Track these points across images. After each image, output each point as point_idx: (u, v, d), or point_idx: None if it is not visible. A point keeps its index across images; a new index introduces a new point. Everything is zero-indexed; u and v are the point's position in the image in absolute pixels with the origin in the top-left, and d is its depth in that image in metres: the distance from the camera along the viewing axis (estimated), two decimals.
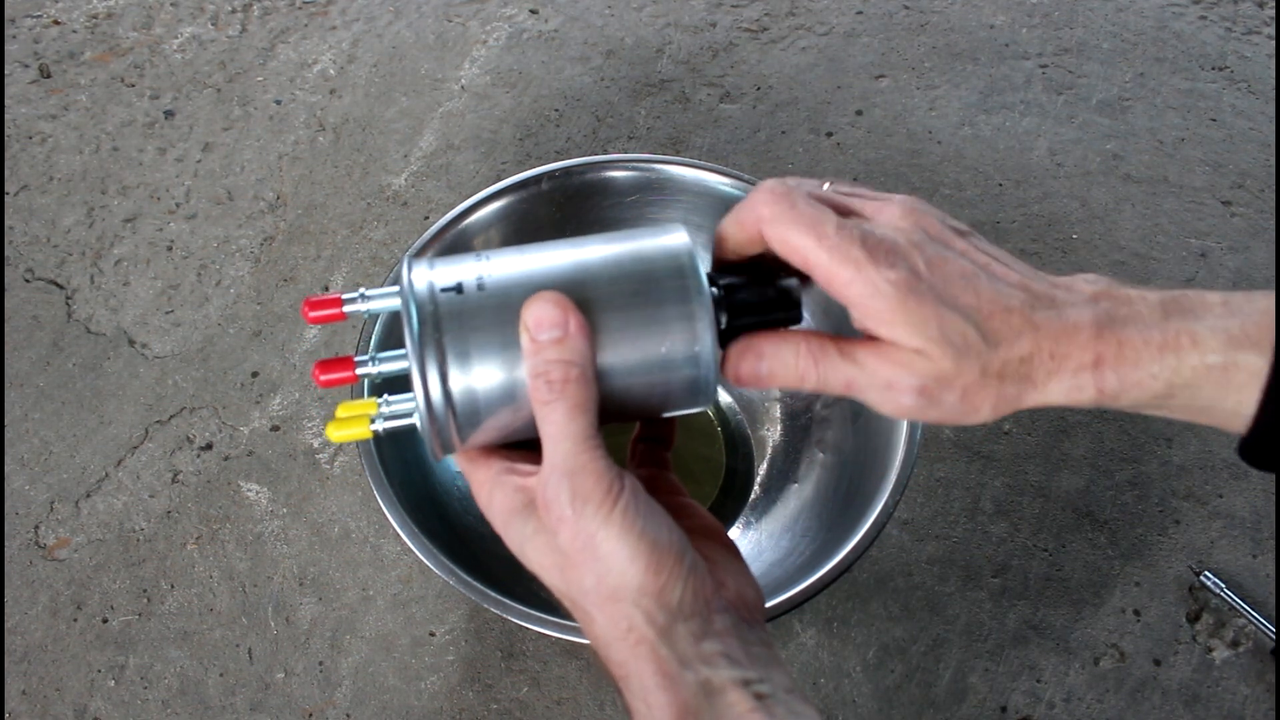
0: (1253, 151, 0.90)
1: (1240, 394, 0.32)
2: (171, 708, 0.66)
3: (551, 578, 0.33)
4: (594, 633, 0.32)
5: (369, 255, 0.85)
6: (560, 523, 0.31)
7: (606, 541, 0.31)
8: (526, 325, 0.32)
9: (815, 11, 1.01)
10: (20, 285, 0.84)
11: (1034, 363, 0.34)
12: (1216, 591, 0.68)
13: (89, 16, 1.01)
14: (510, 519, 0.33)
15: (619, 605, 0.31)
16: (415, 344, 0.32)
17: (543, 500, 0.32)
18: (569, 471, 0.31)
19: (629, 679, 0.32)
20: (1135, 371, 0.33)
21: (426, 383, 0.32)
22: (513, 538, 0.34)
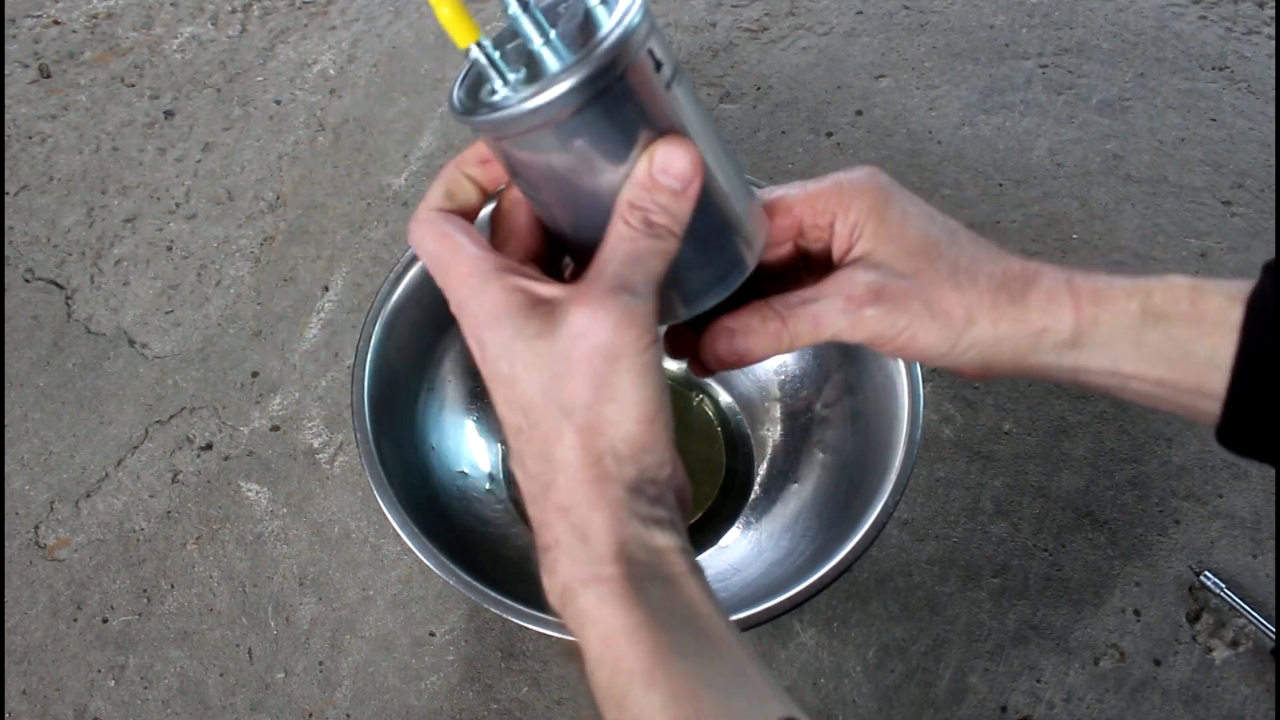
0: (1253, 151, 0.90)
1: (1212, 335, 0.33)
2: (171, 708, 0.66)
3: (525, 386, 0.31)
4: (552, 453, 0.31)
5: (369, 255, 0.85)
6: (594, 330, 0.30)
7: (626, 374, 0.30)
8: (654, 158, 0.31)
9: (815, 11, 1.01)
10: (20, 285, 0.84)
11: (1011, 270, 0.35)
12: (1216, 591, 0.68)
13: (89, 16, 1.01)
14: (505, 315, 0.31)
15: (599, 438, 0.30)
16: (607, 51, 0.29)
17: (586, 299, 0.30)
18: (631, 292, 0.30)
19: (572, 510, 0.31)
20: (1109, 287, 0.34)
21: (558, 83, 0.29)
22: (496, 334, 0.31)
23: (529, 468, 0.32)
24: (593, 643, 0.30)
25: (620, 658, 0.29)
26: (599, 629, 0.30)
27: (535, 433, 0.31)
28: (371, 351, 0.60)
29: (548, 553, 0.31)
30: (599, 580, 0.30)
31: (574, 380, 0.30)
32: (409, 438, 0.63)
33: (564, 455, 0.31)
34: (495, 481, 0.68)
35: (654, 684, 0.29)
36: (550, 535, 0.31)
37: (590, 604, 0.30)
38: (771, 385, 0.69)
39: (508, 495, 0.67)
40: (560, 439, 0.30)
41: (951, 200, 0.87)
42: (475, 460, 0.67)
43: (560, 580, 0.31)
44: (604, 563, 0.30)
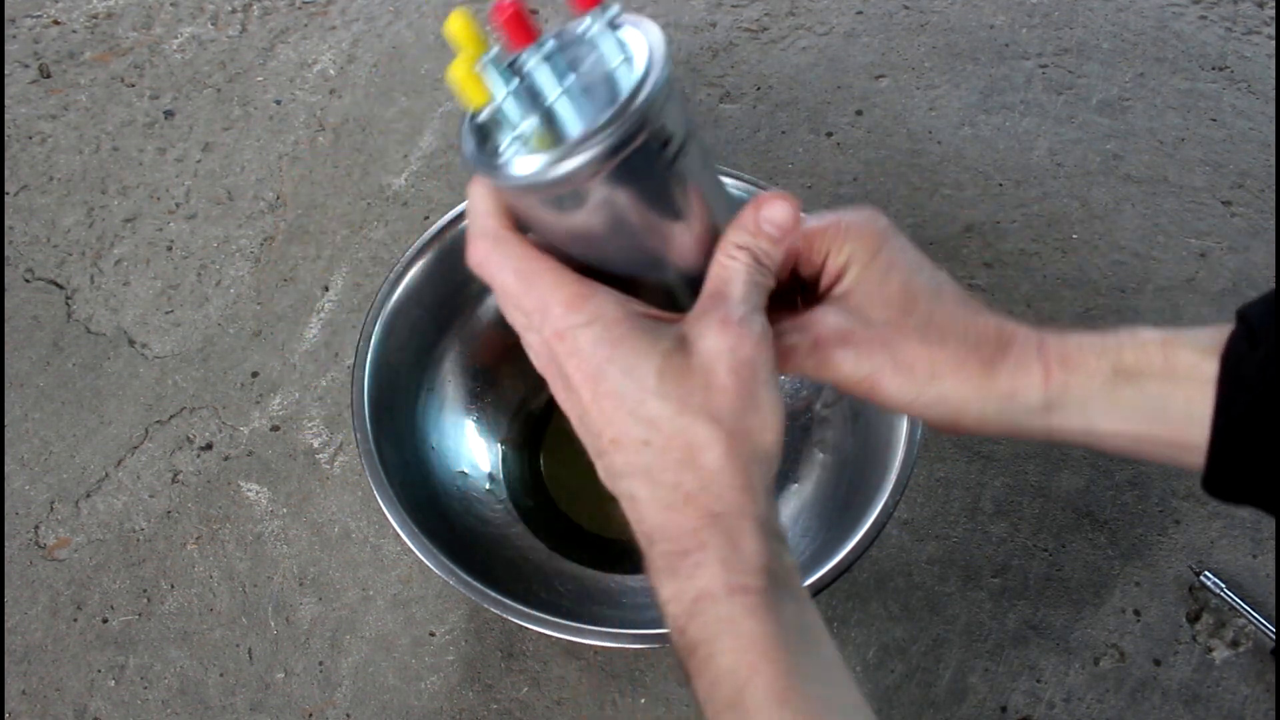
0: (1253, 151, 0.90)
1: (1186, 390, 0.33)
2: (171, 708, 0.66)
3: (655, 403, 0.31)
4: (701, 460, 0.31)
5: (369, 255, 0.85)
6: (739, 347, 0.32)
7: (765, 387, 0.32)
8: (761, 209, 0.34)
9: (815, 11, 1.01)
10: (20, 285, 0.84)
11: (985, 334, 0.36)
12: (1216, 591, 0.68)
13: (89, 16, 1.01)
14: (631, 334, 0.31)
15: (745, 445, 0.32)
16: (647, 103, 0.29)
17: (725, 320, 0.32)
18: (761, 316, 0.33)
19: (724, 517, 0.31)
20: (1079, 353, 0.35)
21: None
22: (621, 352, 0.31)
23: (664, 477, 0.32)
24: (725, 652, 0.30)
25: (756, 672, 0.30)
26: (737, 639, 0.30)
27: (674, 443, 0.31)
28: (371, 351, 0.60)
29: (685, 558, 0.31)
30: (746, 590, 0.30)
31: (723, 391, 0.31)
32: (409, 438, 0.63)
33: (714, 462, 0.31)
34: (495, 481, 0.68)
35: (786, 704, 0.29)
36: (695, 540, 0.31)
37: (734, 613, 0.30)
38: None
39: (507, 495, 0.67)
40: (710, 447, 0.31)
41: (951, 200, 0.87)
42: (475, 460, 0.67)
43: (698, 586, 0.31)
44: (753, 573, 0.31)
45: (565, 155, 0.29)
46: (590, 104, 0.30)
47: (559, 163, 0.29)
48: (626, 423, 0.32)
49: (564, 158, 0.29)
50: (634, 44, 0.31)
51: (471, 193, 0.34)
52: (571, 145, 0.29)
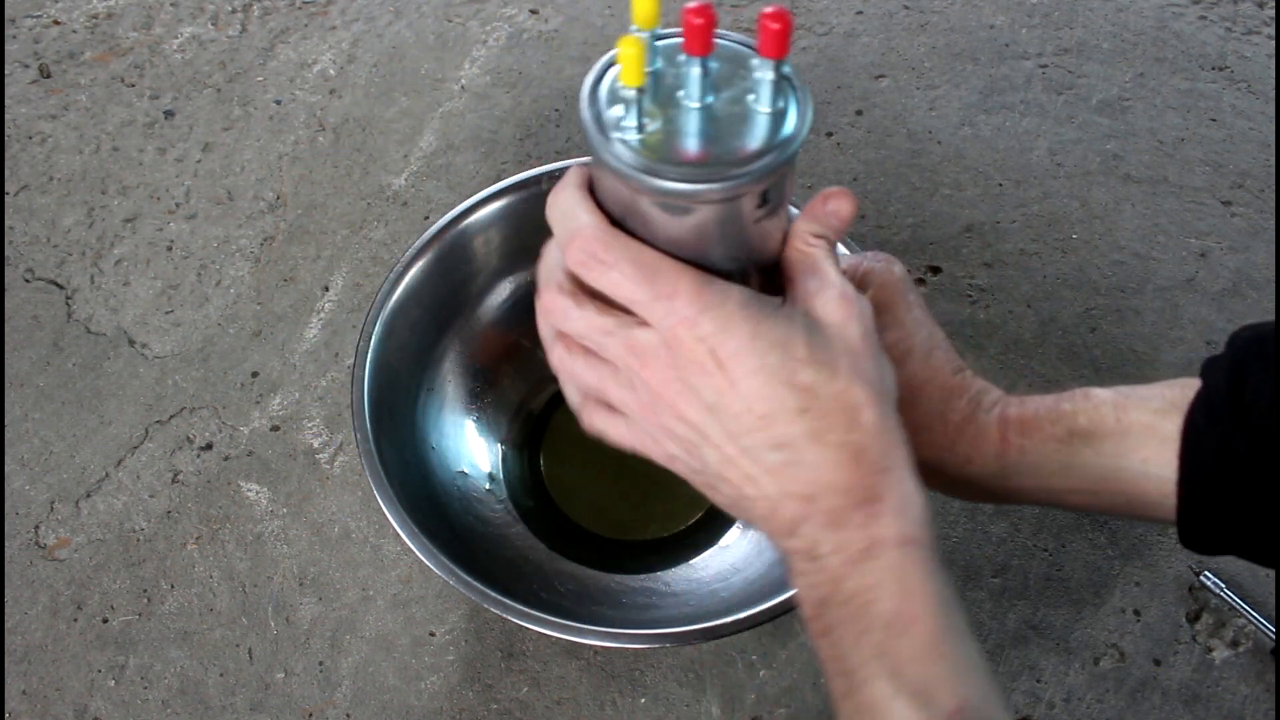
0: (1253, 151, 0.90)
1: (1142, 449, 0.36)
2: (171, 708, 0.66)
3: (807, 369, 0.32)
4: (861, 420, 0.32)
5: (369, 255, 0.85)
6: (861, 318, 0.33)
7: (883, 354, 0.34)
8: (828, 203, 0.36)
9: (815, 11, 1.01)
10: (20, 285, 0.84)
11: (955, 404, 0.38)
12: (1216, 591, 0.68)
13: (89, 16, 1.01)
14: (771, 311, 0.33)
15: (889, 404, 0.34)
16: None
17: (837, 295, 0.33)
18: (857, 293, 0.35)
19: (892, 470, 0.33)
20: (1035, 415, 0.37)
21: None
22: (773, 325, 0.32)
23: (829, 439, 0.32)
24: (887, 598, 0.31)
25: (915, 620, 0.31)
26: (903, 587, 0.31)
27: (835, 404, 0.32)
28: (371, 351, 0.60)
29: (860, 509, 0.32)
30: (916, 542, 0.32)
31: (863, 355, 0.33)
32: (409, 438, 0.63)
33: (872, 419, 0.32)
34: (495, 481, 0.68)
35: (940, 657, 0.31)
36: (869, 493, 0.32)
37: (904, 562, 0.32)
38: None
39: (507, 495, 0.67)
40: (868, 405, 0.32)
41: (951, 200, 0.87)
42: (475, 460, 0.67)
43: (871, 535, 0.32)
44: (923, 524, 0.32)
45: (695, 176, 0.31)
46: (724, 132, 0.32)
47: (682, 179, 0.31)
48: (782, 393, 0.32)
49: (692, 179, 0.31)
50: (789, 103, 0.34)
51: (563, 194, 0.35)
52: (702, 168, 0.31)
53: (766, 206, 0.33)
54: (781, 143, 0.32)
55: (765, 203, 0.33)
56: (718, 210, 0.32)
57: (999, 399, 0.39)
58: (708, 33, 0.31)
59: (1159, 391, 0.36)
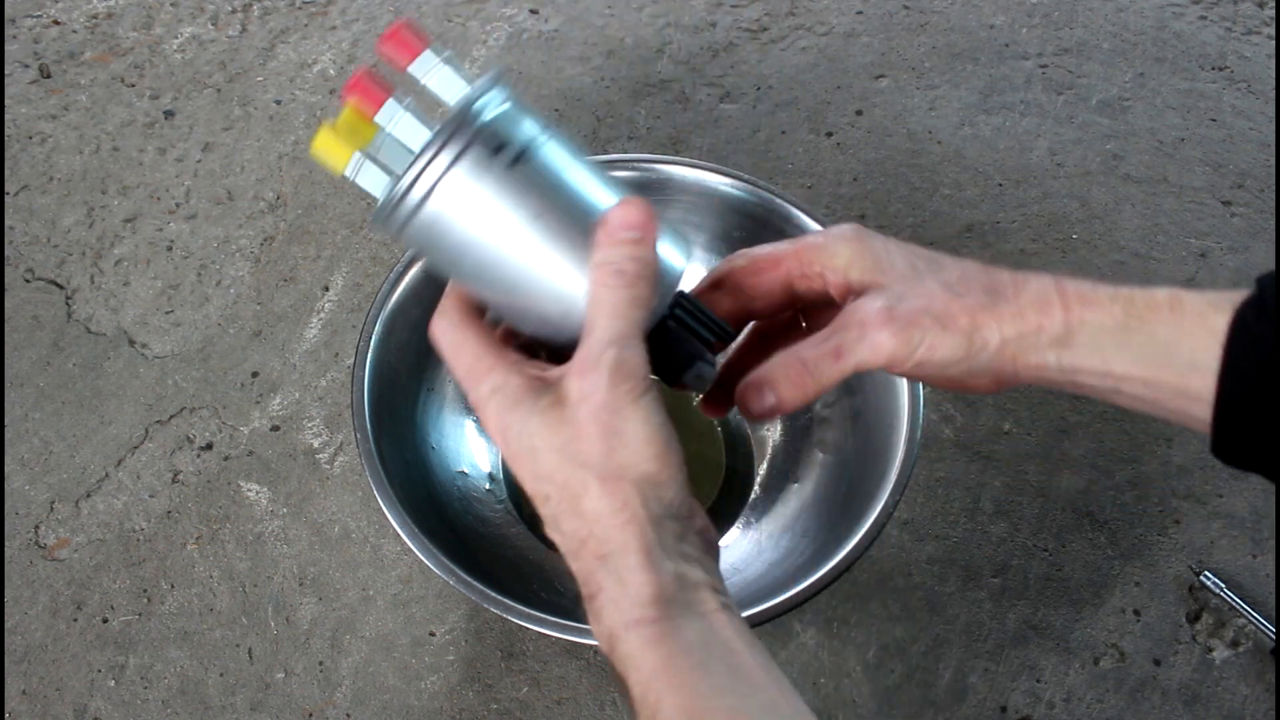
0: (1253, 151, 0.90)
1: (1191, 339, 0.34)
2: (171, 708, 0.66)
3: (546, 456, 0.34)
4: (582, 507, 0.33)
5: (369, 255, 0.85)
6: (593, 391, 0.33)
7: (630, 420, 0.33)
8: (610, 219, 0.35)
9: (815, 11, 1.01)
10: (20, 285, 0.84)
11: (1000, 279, 0.37)
12: (1216, 591, 0.68)
13: (89, 16, 1.01)
14: (522, 396, 0.34)
15: (620, 483, 0.33)
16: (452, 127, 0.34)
17: (580, 369, 0.33)
18: (618, 347, 0.33)
19: (610, 557, 0.33)
20: (1094, 293, 0.36)
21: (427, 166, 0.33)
22: (516, 415, 0.34)
23: (564, 528, 0.34)
24: (636, 684, 0.32)
25: (661, 698, 0.31)
26: (641, 672, 0.32)
27: (564, 494, 0.34)
28: (371, 351, 0.60)
29: (592, 601, 0.34)
30: (640, 623, 0.32)
31: (587, 438, 0.33)
32: (409, 438, 0.63)
33: (593, 506, 0.33)
34: (495, 481, 0.68)
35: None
36: (594, 584, 0.34)
37: (633, 648, 0.32)
38: None
39: (508, 495, 0.67)
40: (586, 492, 0.33)
41: (951, 200, 0.87)
42: (475, 460, 0.67)
43: (605, 626, 0.33)
44: (643, 605, 0.32)
45: (405, 169, 0.33)
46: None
47: (402, 176, 0.34)
48: (532, 480, 0.35)
49: (404, 171, 0.33)
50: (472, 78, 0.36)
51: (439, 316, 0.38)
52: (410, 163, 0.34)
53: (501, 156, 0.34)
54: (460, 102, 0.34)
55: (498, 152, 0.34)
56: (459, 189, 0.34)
57: (1047, 275, 0.38)
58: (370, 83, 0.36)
59: (1217, 292, 0.35)
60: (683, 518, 0.34)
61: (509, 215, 0.34)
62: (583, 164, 0.36)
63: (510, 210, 0.34)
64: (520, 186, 0.34)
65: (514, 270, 0.35)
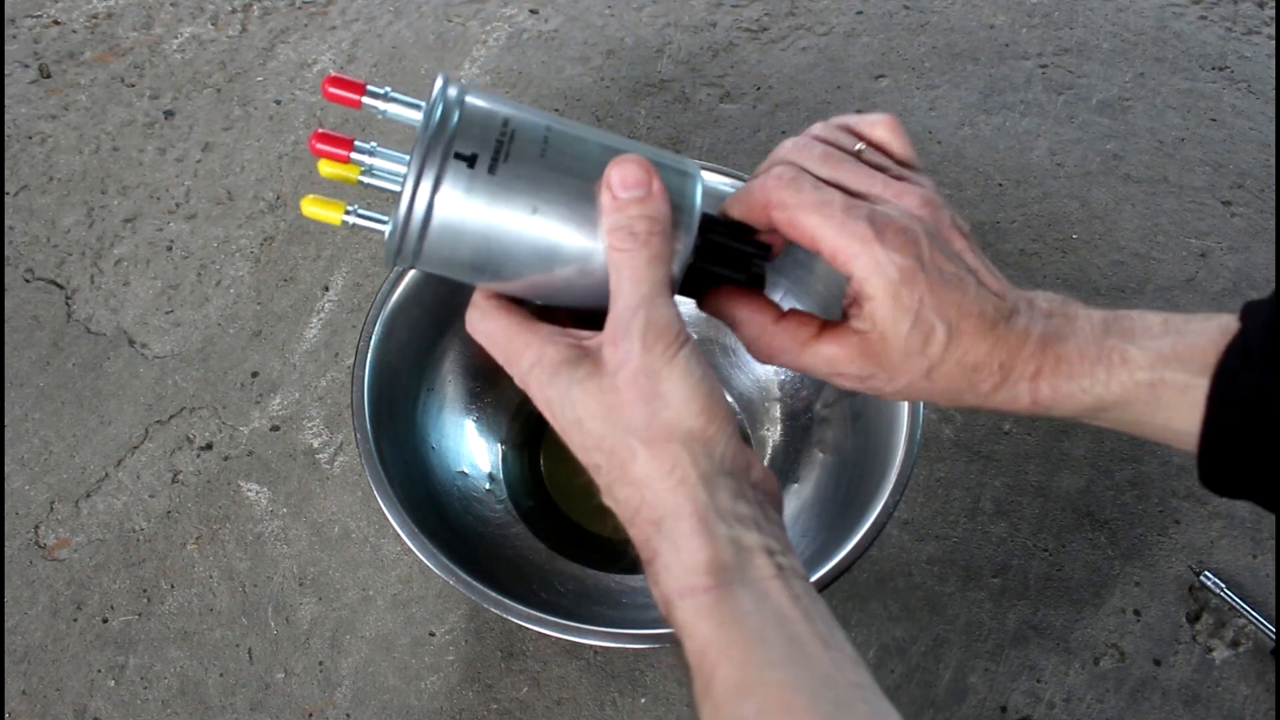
0: (1253, 151, 0.90)
1: (1168, 412, 0.35)
2: (171, 708, 0.66)
3: (592, 424, 0.33)
4: (632, 474, 0.33)
5: (369, 255, 0.85)
6: (628, 357, 0.32)
7: (669, 379, 0.32)
8: (610, 183, 0.34)
9: (815, 11, 1.01)
10: (20, 285, 0.84)
11: (981, 372, 0.36)
12: (1216, 591, 0.68)
13: (89, 16, 1.01)
14: (560, 368, 0.34)
15: (668, 444, 0.32)
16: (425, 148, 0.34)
17: (612, 337, 0.33)
18: (644, 309, 0.33)
19: (664, 522, 0.33)
20: (1068, 384, 0.35)
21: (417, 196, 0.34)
22: (556, 387, 0.34)
23: (618, 495, 0.34)
24: (691, 652, 0.32)
25: (715, 668, 0.31)
26: (695, 640, 0.32)
27: (613, 461, 0.33)
28: (371, 351, 0.60)
29: (650, 566, 0.33)
30: (694, 591, 0.32)
31: (628, 404, 0.33)
32: (409, 438, 0.63)
33: (642, 470, 0.33)
34: (495, 481, 0.68)
35: (747, 694, 0.30)
36: (650, 549, 0.33)
37: (688, 616, 0.32)
38: (771, 385, 0.69)
39: (507, 495, 0.67)
40: (634, 458, 0.33)
41: (951, 200, 0.87)
42: (475, 460, 0.67)
43: (662, 593, 0.33)
44: (697, 573, 0.32)
45: (397, 203, 0.34)
46: None
47: (396, 210, 0.34)
48: (585, 450, 0.34)
49: (397, 205, 0.34)
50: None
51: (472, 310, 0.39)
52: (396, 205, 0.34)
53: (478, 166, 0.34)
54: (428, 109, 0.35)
55: (473, 163, 0.34)
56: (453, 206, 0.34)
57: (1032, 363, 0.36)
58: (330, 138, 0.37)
59: (1202, 340, 0.34)
60: (738, 471, 0.34)
61: (509, 217, 0.34)
62: (560, 136, 0.35)
63: (508, 212, 0.34)
64: (508, 187, 0.34)
65: (534, 263, 0.35)
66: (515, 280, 0.36)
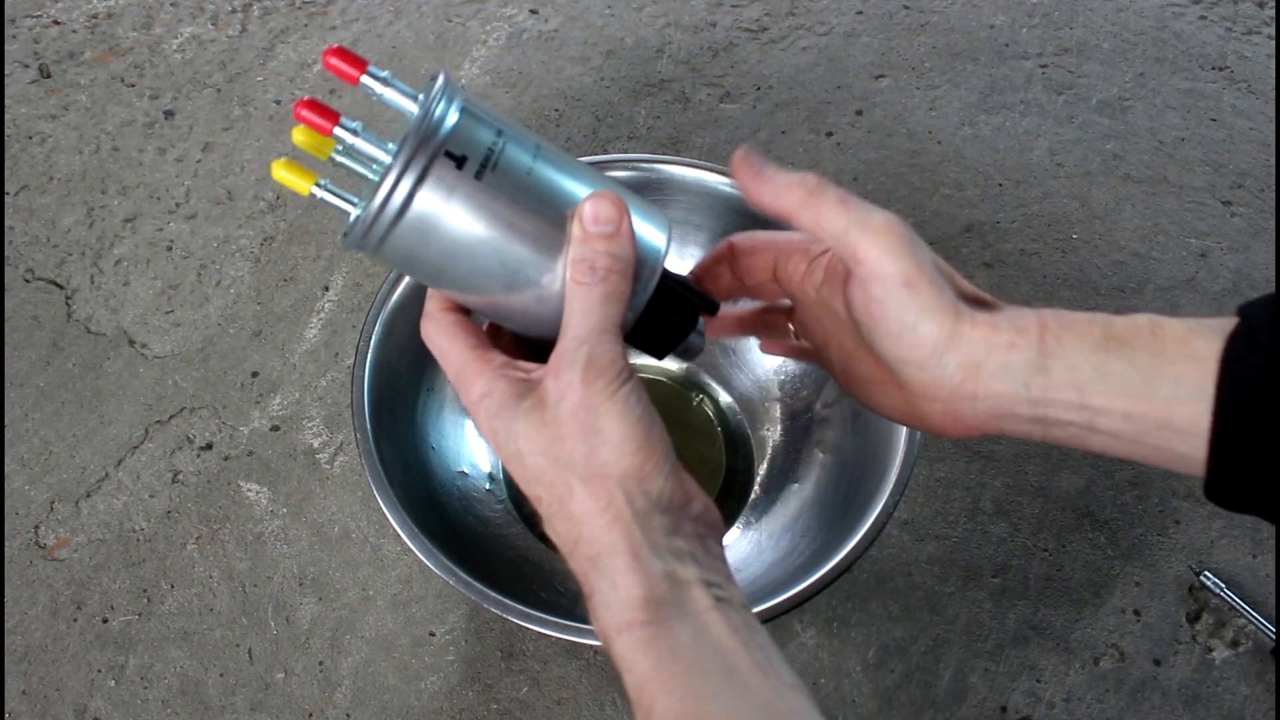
0: (1253, 151, 0.90)
1: (1176, 366, 0.32)
2: (171, 708, 0.66)
3: (533, 459, 0.34)
4: (570, 509, 0.33)
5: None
6: (569, 389, 0.33)
7: (607, 417, 0.33)
8: (582, 215, 0.34)
9: (815, 11, 1.01)
10: (20, 285, 0.84)
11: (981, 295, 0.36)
12: (1216, 591, 0.68)
13: (89, 16, 1.01)
14: (507, 401, 0.34)
15: (604, 481, 0.33)
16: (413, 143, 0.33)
17: (555, 368, 0.33)
18: (590, 344, 0.33)
19: (599, 558, 0.33)
20: (1073, 316, 0.34)
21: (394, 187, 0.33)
22: (502, 420, 0.34)
23: (558, 529, 0.34)
24: (630, 685, 0.32)
25: (655, 700, 0.31)
26: (634, 674, 0.32)
27: (553, 495, 0.34)
28: (371, 351, 0.60)
29: (589, 601, 0.34)
30: (631, 626, 0.32)
31: (569, 438, 0.33)
32: (409, 438, 0.63)
33: (579, 507, 0.33)
34: (495, 481, 0.68)
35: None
36: (589, 584, 0.34)
37: (625, 651, 0.32)
38: (771, 385, 0.69)
39: (508, 495, 0.67)
40: (572, 494, 0.33)
41: (951, 200, 0.87)
42: (475, 460, 0.67)
43: (601, 627, 0.33)
44: (633, 608, 0.32)
45: (374, 188, 0.33)
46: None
47: (372, 195, 0.33)
48: (526, 482, 0.35)
49: (373, 189, 0.33)
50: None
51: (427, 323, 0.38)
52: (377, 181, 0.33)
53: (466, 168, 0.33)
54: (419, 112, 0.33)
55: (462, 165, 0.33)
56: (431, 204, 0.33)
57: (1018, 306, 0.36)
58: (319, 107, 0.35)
59: (1198, 320, 0.33)
60: (674, 509, 0.34)
61: (482, 226, 0.34)
62: (547, 158, 0.35)
63: (483, 221, 0.34)
64: (489, 196, 0.33)
65: (494, 277, 0.35)
66: (471, 294, 0.36)
